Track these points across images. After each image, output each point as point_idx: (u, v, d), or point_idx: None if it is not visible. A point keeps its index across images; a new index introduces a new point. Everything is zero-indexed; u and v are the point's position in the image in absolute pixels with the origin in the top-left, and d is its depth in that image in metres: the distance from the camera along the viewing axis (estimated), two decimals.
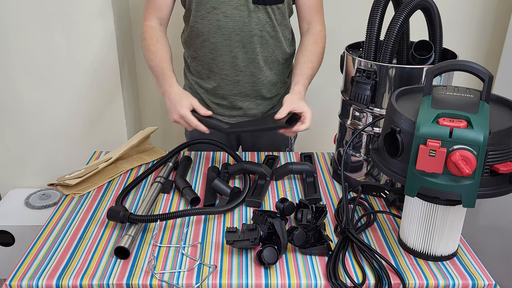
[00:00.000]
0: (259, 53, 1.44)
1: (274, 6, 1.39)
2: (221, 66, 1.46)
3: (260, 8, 1.37)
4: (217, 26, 1.38)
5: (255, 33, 1.40)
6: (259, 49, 1.44)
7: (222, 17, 1.36)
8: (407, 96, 1.02)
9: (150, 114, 2.22)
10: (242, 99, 1.53)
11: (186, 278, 0.96)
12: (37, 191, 2.09)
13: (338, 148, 1.34)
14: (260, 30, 1.41)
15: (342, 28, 1.94)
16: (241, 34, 1.39)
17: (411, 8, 1.10)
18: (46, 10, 1.76)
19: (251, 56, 1.44)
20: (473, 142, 0.83)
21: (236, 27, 1.38)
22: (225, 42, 1.41)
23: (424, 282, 0.96)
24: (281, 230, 1.00)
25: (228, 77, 1.48)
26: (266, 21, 1.40)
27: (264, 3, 1.37)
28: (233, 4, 1.35)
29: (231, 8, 1.36)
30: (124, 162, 1.43)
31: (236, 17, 1.37)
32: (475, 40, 2.09)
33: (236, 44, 1.41)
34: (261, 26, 1.40)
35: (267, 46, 1.45)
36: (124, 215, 1.08)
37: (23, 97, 1.92)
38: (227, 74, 1.47)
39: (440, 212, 0.96)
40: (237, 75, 1.47)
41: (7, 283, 0.95)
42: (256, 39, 1.41)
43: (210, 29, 1.40)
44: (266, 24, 1.41)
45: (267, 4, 1.38)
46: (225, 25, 1.38)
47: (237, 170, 1.32)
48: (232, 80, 1.48)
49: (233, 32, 1.39)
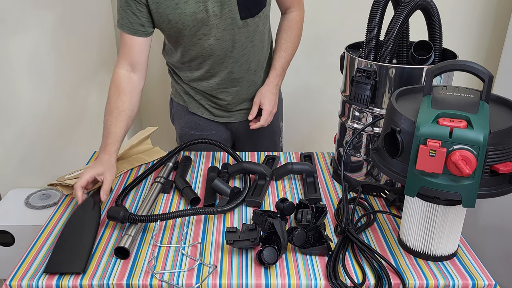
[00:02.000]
0: (252, 61, 1.46)
1: (260, 12, 1.38)
2: (218, 82, 1.47)
3: (249, 22, 1.36)
4: (209, 50, 1.38)
5: (246, 45, 1.41)
6: (252, 57, 1.45)
7: (213, 40, 1.35)
8: (407, 96, 1.02)
9: (150, 114, 2.22)
10: (239, 104, 1.56)
11: (186, 278, 0.96)
12: (37, 191, 2.09)
13: (338, 148, 1.34)
14: (251, 41, 1.41)
15: (342, 28, 1.94)
16: (233, 51, 1.40)
17: (411, 8, 1.10)
18: (46, 10, 1.76)
19: (245, 66, 1.45)
20: (473, 142, 0.83)
21: (229, 46, 1.38)
22: (220, 61, 1.41)
23: (424, 282, 0.96)
24: (281, 230, 1.00)
25: (227, 90, 1.50)
26: (255, 30, 1.40)
27: (251, 16, 1.36)
28: (221, 26, 1.34)
29: (220, 31, 1.34)
30: (124, 162, 1.43)
31: (227, 37, 1.36)
32: (475, 40, 2.09)
33: (231, 60, 1.42)
34: (251, 37, 1.40)
35: (258, 51, 1.46)
36: (124, 215, 1.08)
37: (23, 97, 1.92)
38: (225, 88, 1.49)
39: (440, 212, 0.96)
40: (234, 86, 1.49)
41: (7, 283, 0.95)
42: (248, 51, 1.42)
43: (203, 54, 1.39)
44: (255, 34, 1.41)
45: (254, 15, 1.36)
46: (218, 47, 1.37)
47: (237, 170, 1.32)
48: (231, 92, 1.51)
49: (227, 51, 1.39)
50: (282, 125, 1.72)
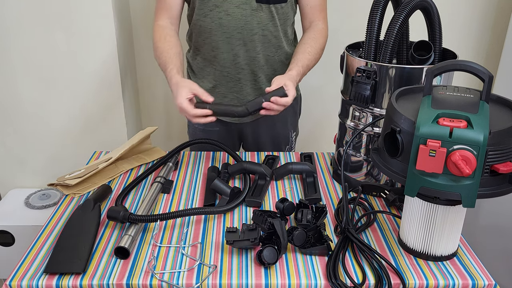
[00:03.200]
0: (260, 52, 1.45)
1: (277, 5, 1.39)
2: (222, 63, 1.46)
3: (263, 7, 1.37)
4: (218, 24, 1.38)
5: (257, 31, 1.40)
6: (260, 47, 1.44)
7: (224, 15, 1.36)
8: (407, 96, 1.02)
9: (150, 114, 2.22)
10: (243, 98, 1.53)
11: (186, 278, 0.96)
12: (37, 191, 2.09)
13: (338, 148, 1.34)
14: (262, 29, 1.41)
15: (342, 28, 1.94)
16: (242, 32, 1.39)
17: (411, 8, 1.10)
18: (46, 11, 1.76)
19: (252, 54, 1.44)
20: (473, 142, 0.83)
21: (238, 25, 1.38)
22: (227, 40, 1.41)
23: (424, 282, 0.96)
24: (281, 230, 1.00)
25: (230, 75, 1.48)
26: (269, 20, 1.40)
27: (267, 2, 1.37)
28: (235, 2, 1.35)
29: (233, 7, 1.36)
30: (124, 162, 1.43)
31: (238, 16, 1.37)
32: (475, 40, 2.09)
33: (238, 42, 1.41)
34: (263, 25, 1.40)
35: (269, 45, 1.45)
36: (124, 215, 1.08)
37: (23, 97, 1.92)
38: (228, 72, 1.48)
39: (440, 212, 0.96)
40: (238, 73, 1.48)
41: (7, 283, 0.95)
42: (257, 38, 1.41)
43: (212, 27, 1.39)
44: (268, 23, 1.41)
45: (271, 3, 1.37)
46: (227, 23, 1.38)
47: (237, 170, 1.32)
48: (234, 77, 1.49)
49: (235, 30, 1.39)
50: (294, 136, 1.68)
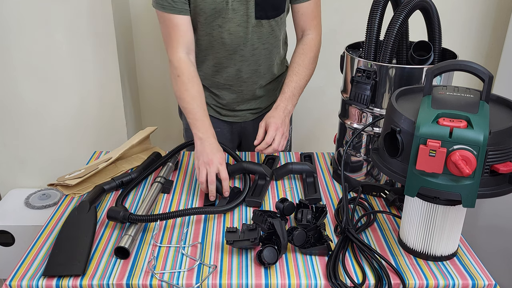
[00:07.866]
0: (262, 64, 1.46)
1: (277, 17, 1.38)
2: (225, 78, 1.48)
3: (263, 23, 1.37)
4: (221, 43, 1.39)
5: (258, 46, 1.41)
6: (262, 60, 1.45)
7: (226, 34, 1.36)
8: (407, 96, 1.02)
9: (150, 114, 2.22)
10: (243, 104, 1.55)
11: (186, 278, 0.96)
12: (37, 191, 2.09)
13: (338, 148, 1.34)
14: (263, 43, 1.41)
15: (342, 28, 1.94)
16: (244, 49, 1.40)
17: (410, 9, 1.10)
18: (46, 11, 1.76)
19: (254, 67, 1.46)
20: (473, 142, 0.83)
21: (240, 43, 1.39)
22: (230, 56, 1.42)
23: (424, 282, 0.96)
24: (281, 230, 1.00)
25: (233, 88, 1.50)
26: (269, 33, 1.41)
27: (267, 18, 1.36)
28: (236, 21, 1.35)
29: (235, 25, 1.35)
30: (124, 162, 1.43)
31: (240, 34, 1.37)
32: (475, 40, 2.09)
33: (240, 58, 1.42)
34: (263, 39, 1.41)
35: (270, 55, 1.46)
36: (124, 215, 1.08)
37: (23, 97, 1.92)
38: (231, 85, 1.50)
39: (440, 212, 0.96)
40: (240, 86, 1.50)
41: (7, 283, 0.95)
42: (259, 52, 1.43)
43: (214, 45, 1.40)
44: (269, 37, 1.41)
45: (270, 18, 1.37)
46: (229, 42, 1.38)
47: (237, 170, 1.32)
48: (236, 90, 1.51)
49: (237, 47, 1.39)
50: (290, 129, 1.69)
